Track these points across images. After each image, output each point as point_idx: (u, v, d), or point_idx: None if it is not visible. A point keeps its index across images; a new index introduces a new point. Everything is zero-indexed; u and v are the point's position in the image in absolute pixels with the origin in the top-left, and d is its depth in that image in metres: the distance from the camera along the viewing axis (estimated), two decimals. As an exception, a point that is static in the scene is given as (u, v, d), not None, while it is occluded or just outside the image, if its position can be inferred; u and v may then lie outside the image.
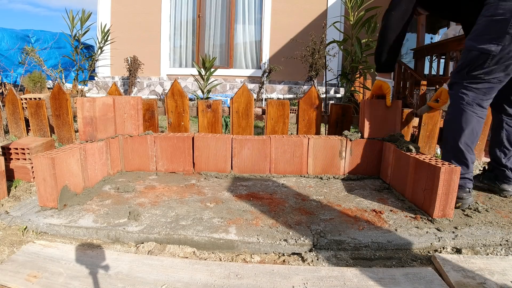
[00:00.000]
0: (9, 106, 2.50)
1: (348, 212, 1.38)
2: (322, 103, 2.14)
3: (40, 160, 1.30)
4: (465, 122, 1.44)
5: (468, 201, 1.43)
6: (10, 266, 0.99)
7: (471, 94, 1.43)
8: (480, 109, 1.44)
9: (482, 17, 1.38)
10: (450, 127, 1.51)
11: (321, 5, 6.38)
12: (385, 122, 1.84)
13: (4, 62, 6.30)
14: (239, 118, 2.13)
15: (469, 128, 1.44)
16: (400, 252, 1.15)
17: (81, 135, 1.68)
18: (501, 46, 1.32)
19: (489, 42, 1.34)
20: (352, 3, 2.65)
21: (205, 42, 7.02)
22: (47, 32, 8.11)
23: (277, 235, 1.18)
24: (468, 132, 1.44)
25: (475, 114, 1.43)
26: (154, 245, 1.16)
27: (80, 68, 4.83)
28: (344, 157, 1.86)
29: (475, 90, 1.43)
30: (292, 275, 0.98)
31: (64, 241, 1.19)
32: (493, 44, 1.33)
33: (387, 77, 1.75)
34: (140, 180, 1.77)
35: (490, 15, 1.34)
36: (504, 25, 1.30)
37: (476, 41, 1.39)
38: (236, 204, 1.46)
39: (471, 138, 1.45)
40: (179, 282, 0.94)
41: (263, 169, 1.87)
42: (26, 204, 1.43)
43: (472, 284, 0.94)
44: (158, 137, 1.89)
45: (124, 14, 6.72)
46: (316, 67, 5.29)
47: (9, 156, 1.78)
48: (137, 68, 6.33)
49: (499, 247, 1.18)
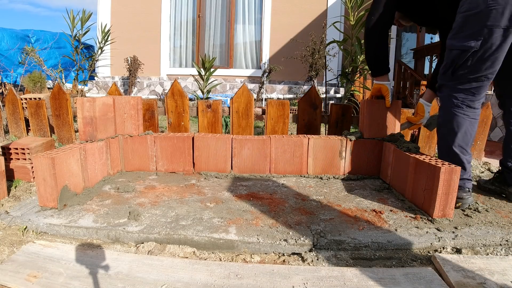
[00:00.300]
0: (9, 106, 2.50)
1: (348, 212, 1.38)
2: (322, 103, 2.14)
3: (40, 160, 1.30)
4: (457, 125, 1.41)
5: (468, 201, 1.43)
6: (10, 266, 0.99)
7: (460, 95, 1.40)
8: (471, 110, 1.41)
9: (458, 14, 1.35)
10: (442, 131, 1.49)
11: (321, 5, 6.38)
12: (385, 122, 1.84)
13: (4, 62, 6.30)
14: (239, 118, 2.13)
15: (461, 131, 1.41)
16: (400, 252, 1.14)
17: (81, 135, 1.68)
18: (481, 41, 1.28)
19: (468, 38, 1.31)
20: (352, 3, 2.66)
21: (205, 42, 7.02)
22: (47, 32, 8.12)
23: (277, 235, 1.18)
24: (461, 135, 1.42)
25: (466, 117, 1.40)
26: (154, 245, 1.16)
27: (80, 68, 4.84)
28: (344, 157, 1.86)
29: (463, 91, 1.39)
30: (292, 275, 0.98)
31: (64, 241, 1.19)
32: (472, 39, 1.30)
33: (384, 80, 1.74)
34: (140, 180, 1.77)
35: (465, 10, 1.31)
36: (480, 18, 1.26)
37: (455, 39, 1.36)
38: (236, 204, 1.46)
39: (465, 140, 1.43)
40: (179, 282, 0.94)
41: (263, 169, 1.87)
42: (26, 204, 1.43)
43: (472, 284, 0.94)
44: (158, 137, 1.89)
45: (124, 14, 6.73)
46: (316, 67, 5.29)
47: (9, 156, 1.78)
48: (137, 68, 6.34)
49: (499, 247, 1.18)
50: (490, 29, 1.26)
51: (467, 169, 1.45)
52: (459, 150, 1.43)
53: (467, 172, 1.46)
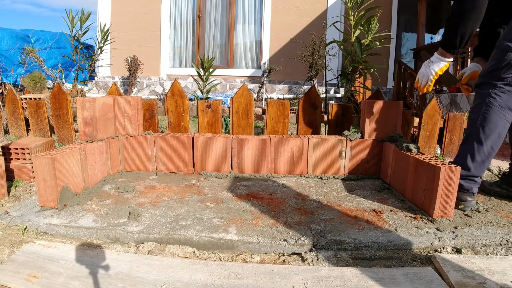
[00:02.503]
0: (9, 106, 2.50)
1: (348, 212, 1.38)
2: (322, 103, 2.14)
3: (40, 160, 1.30)
4: (494, 124, 1.37)
5: (471, 203, 1.42)
6: (10, 266, 0.99)
7: (504, 96, 1.36)
8: (510, 113, 1.37)
9: None
10: (476, 128, 1.42)
11: (321, 5, 6.38)
12: (385, 123, 1.84)
13: (4, 62, 6.30)
14: (239, 118, 2.13)
15: (496, 132, 1.37)
16: (400, 252, 1.14)
17: (81, 135, 1.68)
18: None
19: None
20: (352, 3, 2.65)
21: (205, 42, 7.02)
22: (47, 32, 8.12)
23: (277, 235, 1.18)
24: (495, 135, 1.38)
25: (504, 118, 1.37)
26: (154, 245, 1.16)
27: (80, 68, 4.83)
28: (344, 157, 1.86)
29: (508, 93, 1.35)
30: (292, 275, 0.98)
31: (64, 241, 1.19)
32: None
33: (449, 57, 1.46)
34: (140, 180, 1.77)
35: None
36: None
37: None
38: (236, 204, 1.46)
39: (497, 142, 1.39)
40: (179, 282, 0.94)
41: (263, 169, 1.87)
42: (26, 204, 1.43)
43: (472, 284, 0.94)
44: (158, 137, 1.89)
45: (124, 14, 6.72)
46: (316, 67, 5.29)
47: (9, 156, 1.78)
48: (137, 68, 6.34)
49: (499, 247, 1.18)
50: None
51: (483, 172, 1.41)
52: (488, 151, 1.39)
53: (480, 175, 1.42)
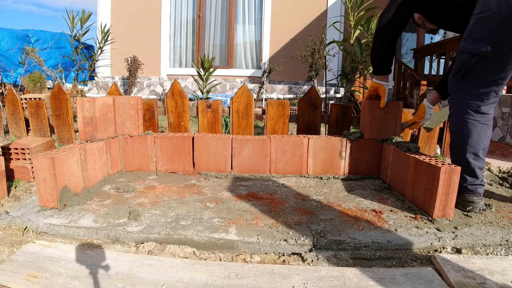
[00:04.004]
0: (9, 106, 2.50)
1: (348, 212, 1.38)
2: (322, 103, 2.14)
3: (40, 160, 1.30)
4: (468, 132, 1.38)
5: (479, 204, 1.41)
6: (10, 266, 0.99)
7: (469, 101, 1.37)
8: (480, 116, 1.37)
9: (472, 17, 1.31)
10: (454, 140, 1.47)
11: (321, 5, 6.38)
12: (385, 123, 1.84)
13: (4, 62, 6.30)
14: (239, 118, 2.13)
15: (473, 138, 1.38)
16: (400, 252, 1.14)
17: (81, 135, 1.68)
18: (492, 45, 1.23)
19: (479, 42, 1.26)
20: (352, 3, 2.65)
21: (205, 42, 7.02)
22: (47, 32, 8.11)
23: (277, 235, 1.18)
24: (472, 142, 1.39)
25: (477, 122, 1.37)
26: (154, 245, 1.16)
27: (80, 68, 4.84)
28: (344, 157, 1.86)
29: (472, 96, 1.36)
30: (292, 275, 0.98)
31: (64, 241, 1.19)
32: (483, 43, 1.25)
33: (384, 80, 1.73)
34: (140, 180, 1.77)
35: (478, 13, 1.27)
36: (492, 21, 1.22)
37: (467, 41, 1.32)
38: (236, 204, 1.46)
39: (477, 147, 1.39)
40: (179, 282, 0.94)
41: (263, 169, 1.87)
42: (26, 204, 1.43)
43: (472, 284, 0.94)
44: (158, 137, 1.89)
45: (124, 14, 6.72)
46: (316, 67, 5.29)
47: (9, 156, 1.78)
48: (137, 68, 6.34)
49: (499, 247, 1.18)
50: (501, 33, 1.22)
51: (479, 176, 1.42)
52: (472, 158, 1.40)
53: (479, 179, 1.43)
